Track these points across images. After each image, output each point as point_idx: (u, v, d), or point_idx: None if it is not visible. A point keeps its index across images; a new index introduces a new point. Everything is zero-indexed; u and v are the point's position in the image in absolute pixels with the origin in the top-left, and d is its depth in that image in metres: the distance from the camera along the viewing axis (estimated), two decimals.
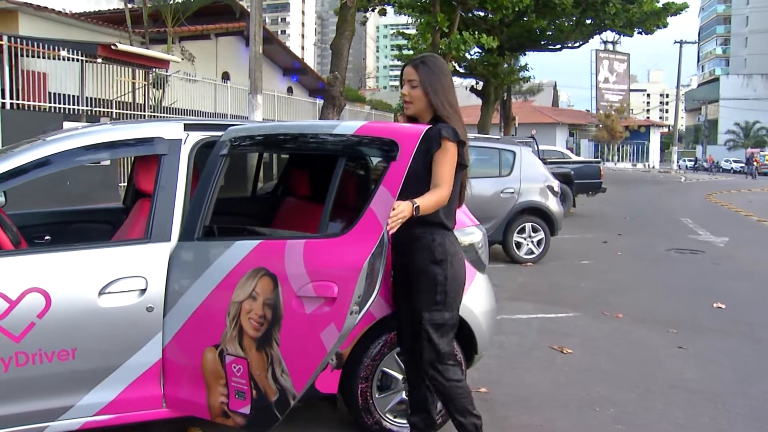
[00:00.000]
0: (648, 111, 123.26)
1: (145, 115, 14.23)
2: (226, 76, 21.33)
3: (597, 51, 53.78)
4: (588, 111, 58.78)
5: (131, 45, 14.81)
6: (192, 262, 3.09)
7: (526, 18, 24.76)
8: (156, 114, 14.70)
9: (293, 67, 27.17)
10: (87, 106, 12.56)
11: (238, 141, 3.29)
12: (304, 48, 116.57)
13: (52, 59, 12.07)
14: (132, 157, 4.64)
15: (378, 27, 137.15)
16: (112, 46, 12.57)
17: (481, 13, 24.23)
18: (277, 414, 2.95)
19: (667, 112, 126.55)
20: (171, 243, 3.12)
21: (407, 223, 2.74)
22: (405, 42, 27.58)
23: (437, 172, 2.94)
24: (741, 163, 56.97)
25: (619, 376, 4.80)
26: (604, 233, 12.78)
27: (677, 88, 52.39)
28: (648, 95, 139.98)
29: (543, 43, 28.30)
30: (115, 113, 13.30)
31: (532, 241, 9.51)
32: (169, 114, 15.28)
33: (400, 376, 3.47)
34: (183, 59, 17.43)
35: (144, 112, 14.39)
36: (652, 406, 4.24)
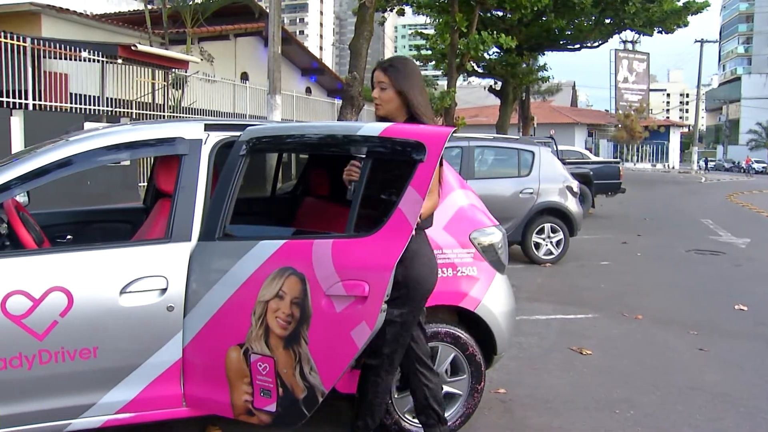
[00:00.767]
0: (668, 111, 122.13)
1: (164, 116, 14.36)
2: (245, 77, 21.43)
3: (616, 50, 53.41)
4: (607, 111, 58.34)
5: (151, 46, 14.94)
6: (213, 261, 3.11)
7: (544, 18, 24.64)
8: (175, 114, 14.82)
9: (312, 68, 27.24)
10: (107, 106, 12.71)
11: (260, 141, 3.29)
12: (322, 48, 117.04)
13: (74, 60, 12.21)
14: (152, 157, 4.67)
15: (396, 27, 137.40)
16: (132, 47, 12.72)
17: (500, 13, 24.14)
18: (305, 411, 2.97)
19: (687, 112, 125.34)
20: (191, 243, 3.14)
21: None
22: (423, 42, 27.50)
23: None
24: (763, 164, 56.37)
25: (638, 378, 4.76)
26: (624, 234, 12.69)
27: (698, 87, 51.91)
28: (668, 95, 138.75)
29: (562, 42, 28.07)
30: (135, 113, 13.43)
31: (551, 242, 9.47)
32: (189, 114, 15.39)
33: None
34: (202, 60, 17.55)
35: (164, 112, 14.53)
36: (673, 408, 4.21)
